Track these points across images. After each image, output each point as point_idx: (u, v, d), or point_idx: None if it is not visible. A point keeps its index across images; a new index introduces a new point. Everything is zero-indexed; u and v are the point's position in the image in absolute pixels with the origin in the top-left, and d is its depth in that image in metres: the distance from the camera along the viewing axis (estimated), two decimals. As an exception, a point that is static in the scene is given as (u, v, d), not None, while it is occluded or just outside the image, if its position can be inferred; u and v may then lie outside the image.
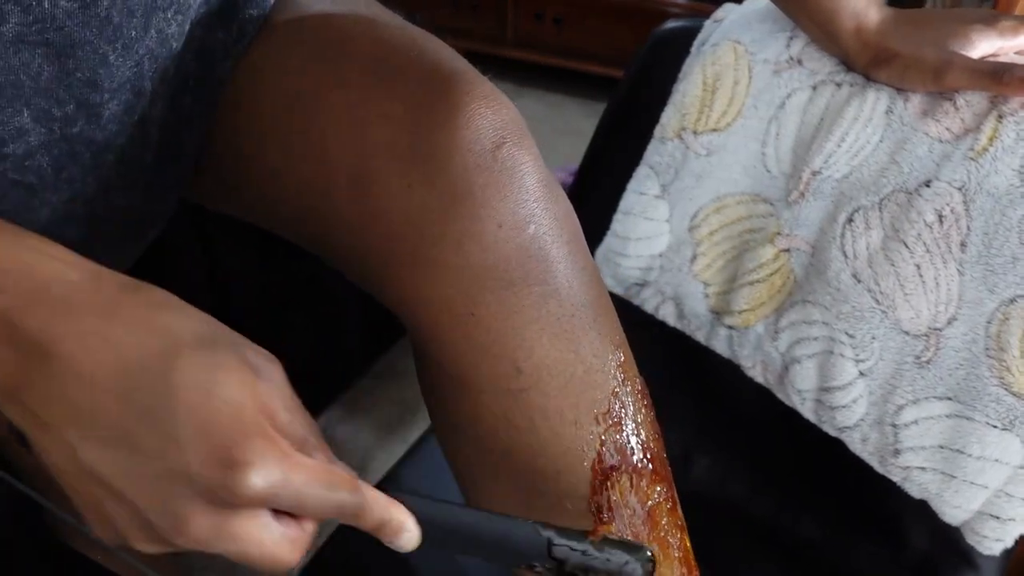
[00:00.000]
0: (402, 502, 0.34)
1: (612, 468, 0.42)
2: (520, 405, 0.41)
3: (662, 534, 0.43)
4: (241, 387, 0.29)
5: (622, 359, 0.43)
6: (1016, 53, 0.54)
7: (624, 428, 0.42)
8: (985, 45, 0.53)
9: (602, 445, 0.42)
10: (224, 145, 0.48)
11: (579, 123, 1.96)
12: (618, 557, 0.38)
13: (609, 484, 0.42)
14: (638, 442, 0.43)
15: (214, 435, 0.28)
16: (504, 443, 0.42)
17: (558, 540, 0.37)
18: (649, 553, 0.39)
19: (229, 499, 0.29)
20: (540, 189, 0.41)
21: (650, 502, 0.43)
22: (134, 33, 0.40)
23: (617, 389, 0.42)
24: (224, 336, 0.31)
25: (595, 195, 0.76)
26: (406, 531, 0.34)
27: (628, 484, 0.42)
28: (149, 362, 0.29)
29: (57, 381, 0.29)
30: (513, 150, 0.40)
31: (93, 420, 0.29)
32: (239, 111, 0.47)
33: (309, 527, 0.32)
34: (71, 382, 0.29)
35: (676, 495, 0.45)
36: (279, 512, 0.31)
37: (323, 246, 0.46)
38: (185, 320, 0.31)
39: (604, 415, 0.42)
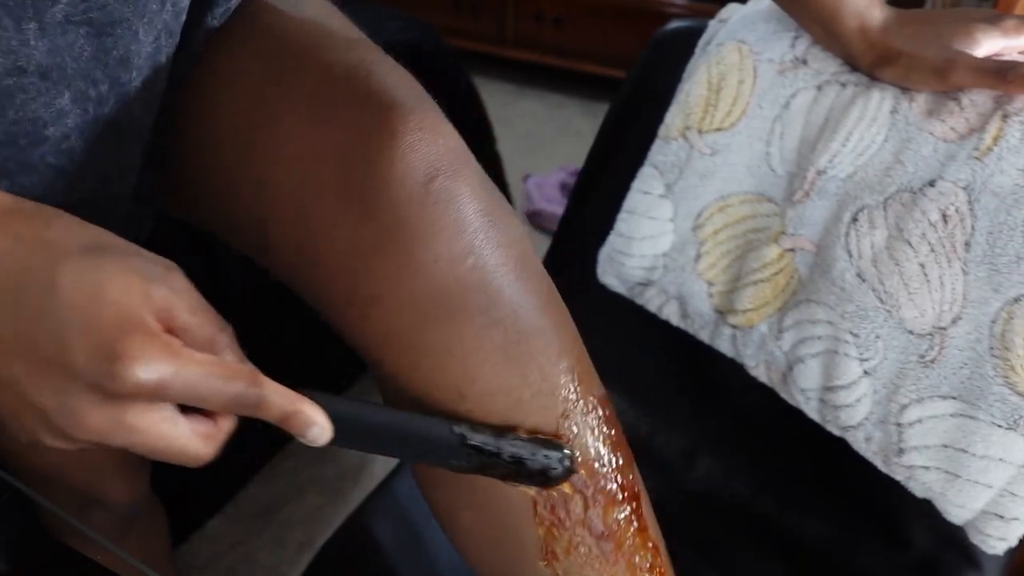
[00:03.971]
0: (311, 398, 0.35)
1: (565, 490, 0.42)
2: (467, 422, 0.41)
3: (628, 555, 0.44)
4: (127, 288, 0.31)
5: (577, 381, 0.43)
6: (1019, 52, 0.54)
7: (575, 449, 0.42)
8: (989, 44, 0.53)
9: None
10: (182, 157, 0.48)
11: (579, 123, 1.96)
12: (534, 451, 0.39)
13: (550, 505, 0.42)
14: (593, 460, 0.42)
15: (98, 332, 0.30)
16: (464, 481, 0.43)
17: (472, 436, 0.38)
18: (567, 451, 0.40)
19: (116, 391, 0.30)
20: (479, 219, 0.41)
21: (610, 522, 0.43)
22: (155, 6, 0.40)
23: (569, 411, 0.42)
24: (113, 245, 0.33)
25: (598, 195, 0.76)
26: (314, 424, 0.35)
27: (580, 503, 0.42)
28: (36, 272, 0.31)
29: None
30: (447, 182, 0.40)
31: None
32: (193, 127, 0.47)
33: (224, 423, 0.34)
34: None
35: (647, 513, 0.45)
36: (191, 409, 0.33)
37: (277, 274, 0.46)
38: (72, 232, 0.33)
39: (551, 436, 0.42)
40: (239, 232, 0.47)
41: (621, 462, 0.43)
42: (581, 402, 0.42)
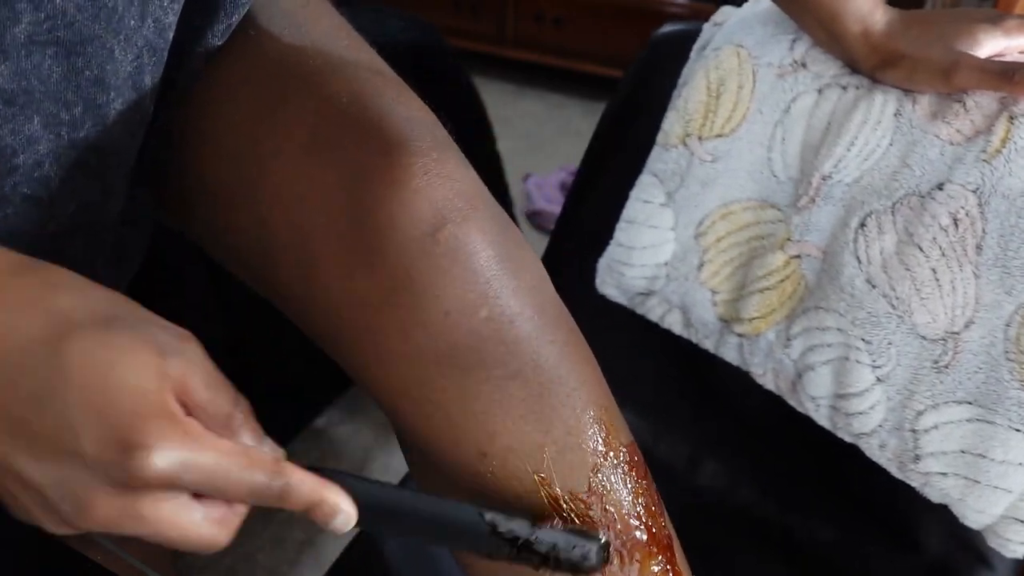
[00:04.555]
0: (336, 482, 0.33)
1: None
2: (493, 486, 0.40)
3: None
4: (142, 367, 0.28)
5: (604, 432, 0.40)
6: (1020, 52, 0.54)
7: (608, 504, 0.40)
8: (991, 44, 0.52)
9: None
10: (182, 176, 0.46)
11: (579, 123, 1.96)
12: (568, 541, 0.38)
13: None
14: (627, 514, 0.40)
15: (111, 417, 0.28)
16: None
17: (503, 524, 0.37)
18: (604, 539, 0.39)
19: (130, 482, 0.28)
20: (493, 267, 0.38)
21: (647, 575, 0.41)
22: (133, 23, 0.38)
23: (599, 464, 0.40)
24: (126, 314, 0.30)
25: (595, 195, 0.75)
26: (340, 512, 0.33)
27: (617, 562, 0.40)
28: (37, 345, 0.28)
29: None
30: (456, 230, 0.37)
31: None
32: (193, 148, 0.45)
33: (240, 507, 0.32)
34: None
35: (679, 558, 0.43)
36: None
37: (275, 304, 0.45)
38: (81, 299, 0.30)
39: (585, 493, 0.40)
40: (244, 269, 0.45)
41: (653, 509, 0.41)
42: (611, 454, 0.40)
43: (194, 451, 0.29)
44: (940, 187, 0.51)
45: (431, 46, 1.15)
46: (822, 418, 0.59)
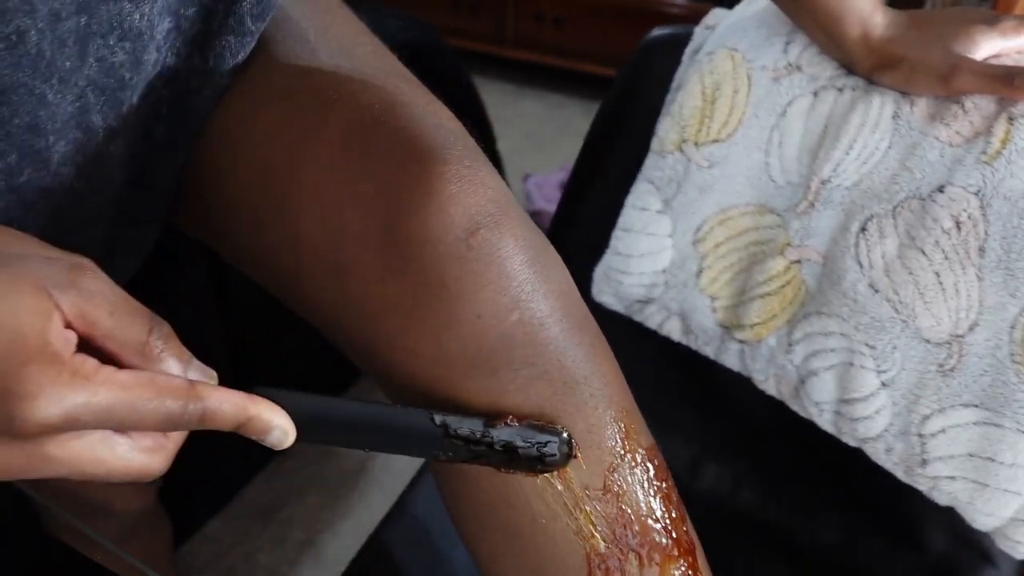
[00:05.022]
0: (269, 397, 0.32)
1: (616, 546, 0.40)
2: (511, 485, 0.40)
3: None
4: (18, 309, 0.27)
5: (623, 431, 0.41)
6: (1018, 53, 0.54)
7: (625, 504, 0.40)
8: (989, 46, 0.51)
9: (594, 525, 0.40)
10: (202, 192, 0.46)
11: (579, 123, 1.96)
12: (527, 435, 0.37)
13: (605, 567, 0.40)
14: (645, 515, 0.41)
15: None
16: (503, 519, 0.41)
17: (456, 425, 0.36)
18: (565, 434, 0.38)
19: (21, 433, 0.27)
20: (525, 271, 0.39)
21: None
22: (69, 64, 0.37)
23: (616, 464, 0.40)
24: (11, 253, 0.29)
25: (587, 206, 0.75)
26: (274, 428, 0.32)
27: (635, 563, 0.40)
28: None
29: None
30: (490, 235, 0.38)
31: None
32: (215, 166, 0.44)
33: (173, 434, 0.31)
34: None
35: (702, 563, 0.43)
36: None
37: (300, 313, 0.45)
38: None
39: (599, 491, 0.40)
40: (270, 278, 0.44)
41: (674, 515, 0.42)
42: (629, 455, 0.41)
43: (86, 391, 0.27)
44: (941, 190, 0.51)
45: (430, 46, 1.15)
46: (826, 423, 0.59)
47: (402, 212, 0.38)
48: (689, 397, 0.71)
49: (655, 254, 0.64)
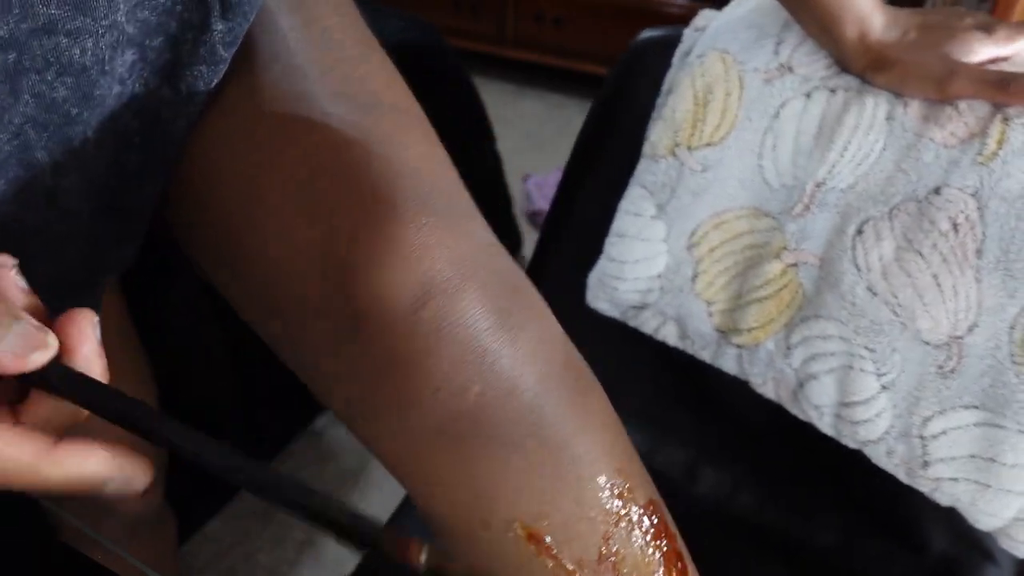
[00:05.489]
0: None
1: None
2: (499, 553, 0.37)
3: None
4: None
5: (617, 495, 0.38)
6: (1012, 60, 0.54)
7: (622, 569, 0.37)
8: (984, 52, 0.51)
9: None
10: (184, 210, 0.44)
11: (579, 123, 1.95)
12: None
13: None
14: None
15: None
16: None
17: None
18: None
19: None
20: (487, 339, 0.35)
21: None
22: (0, 101, 0.35)
23: (610, 532, 0.37)
24: None
25: (580, 208, 0.74)
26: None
27: None
28: None
29: None
30: (443, 305, 0.35)
31: None
32: (195, 190, 0.42)
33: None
34: None
35: None
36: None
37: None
38: None
39: (594, 562, 0.37)
40: (245, 314, 0.43)
41: (674, 572, 0.39)
42: (624, 521, 0.38)
43: None
44: (937, 191, 0.51)
45: (431, 46, 1.15)
46: (826, 426, 0.58)
47: (348, 280, 0.35)
48: (685, 400, 0.71)
49: (650, 259, 0.63)
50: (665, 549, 0.39)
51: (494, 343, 0.36)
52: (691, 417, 0.71)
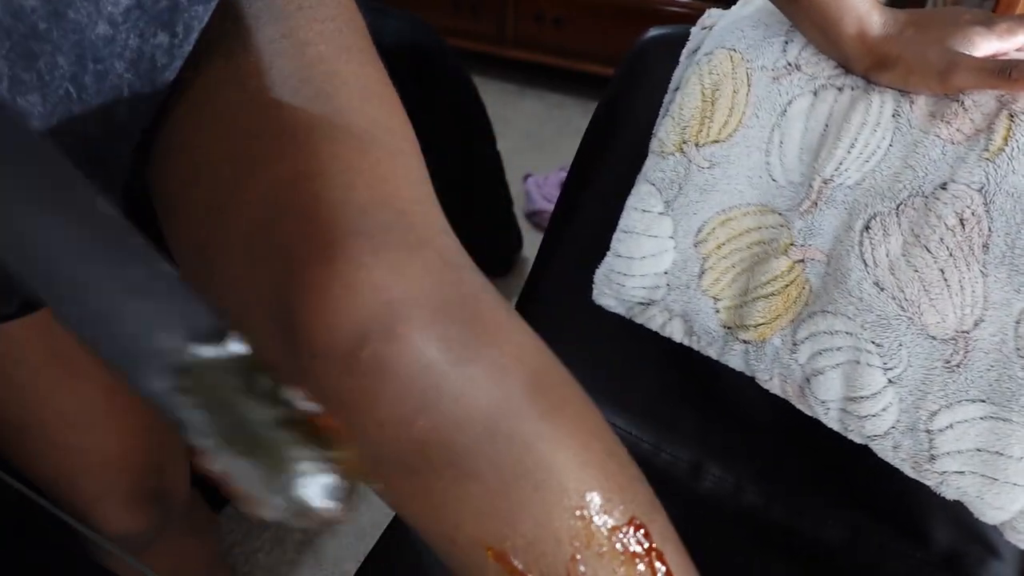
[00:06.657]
0: None
1: None
2: (472, 566, 0.38)
3: None
4: None
5: (586, 515, 0.37)
6: (1018, 50, 0.54)
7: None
8: (986, 46, 0.51)
9: None
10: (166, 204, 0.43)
11: (579, 123, 1.95)
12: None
13: None
14: None
15: None
16: None
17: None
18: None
19: None
20: (432, 374, 0.34)
21: None
22: None
23: (576, 554, 0.36)
24: None
25: (585, 206, 0.74)
26: None
27: None
28: None
29: None
30: (380, 348, 0.34)
31: None
32: (171, 192, 0.42)
33: None
34: None
35: None
36: None
37: None
38: None
39: None
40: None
41: None
42: (594, 541, 0.37)
43: None
44: (944, 187, 0.51)
45: (431, 46, 1.15)
46: (832, 421, 0.59)
47: (292, 321, 0.35)
48: (691, 398, 0.71)
49: (657, 256, 0.64)
50: (641, 569, 0.37)
51: (441, 377, 0.35)
52: (696, 415, 0.71)
